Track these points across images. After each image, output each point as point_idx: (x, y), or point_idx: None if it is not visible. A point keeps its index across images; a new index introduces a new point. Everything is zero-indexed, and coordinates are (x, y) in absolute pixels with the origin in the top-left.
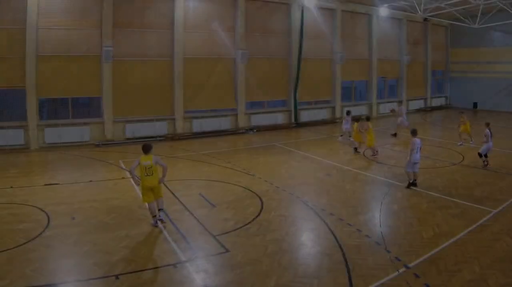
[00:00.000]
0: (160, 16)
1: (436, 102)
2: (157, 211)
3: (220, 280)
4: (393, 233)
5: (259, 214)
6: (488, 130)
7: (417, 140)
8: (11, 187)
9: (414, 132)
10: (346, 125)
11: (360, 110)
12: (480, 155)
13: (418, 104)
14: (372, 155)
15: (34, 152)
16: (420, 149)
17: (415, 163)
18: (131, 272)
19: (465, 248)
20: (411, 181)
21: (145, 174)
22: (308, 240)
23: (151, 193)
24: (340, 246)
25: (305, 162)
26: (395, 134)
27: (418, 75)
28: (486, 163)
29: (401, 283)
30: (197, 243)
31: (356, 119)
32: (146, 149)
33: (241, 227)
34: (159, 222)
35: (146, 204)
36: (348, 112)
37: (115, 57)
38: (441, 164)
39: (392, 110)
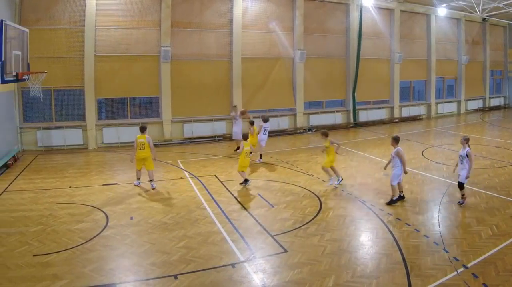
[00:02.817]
0: (218, 16)
1: (494, 102)
2: (150, 179)
3: (278, 280)
4: (451, 233)
5: (317, 214)
6: None
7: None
8: (70, 187)
9: (397, 140)
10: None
11: (418, 110)
12: None
13: (477, 104)
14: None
15: (92, 152)
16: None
17: (400, 174)
18: (189, 272)
19: None
20: (396, 197)
21: (140, 148)
22: (366, 240)
23: (142, 163)
24: (398, 246)
25: (363, 162)
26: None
27: (477, 75)
28: None
29: (459, 283)
30: (256, 243)
31: (251, 123)
32: (142, 130)
33: (299, 227)
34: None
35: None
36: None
37: (173, 57)
38: (499, 164)
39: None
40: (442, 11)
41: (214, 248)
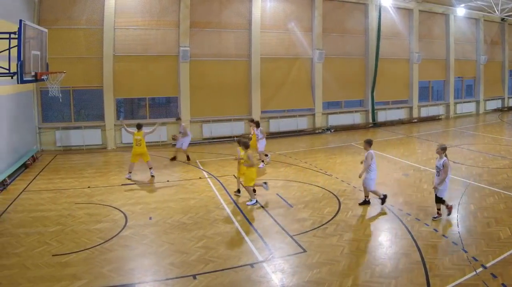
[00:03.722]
0: (237, 16)
1: None
2: (149, 168)
3: (297, 280)
4: (470, 233)
5: (336, 214)
6: None
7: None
8: (89, 187)
9: (370, 143)
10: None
11: (437, 110)
12: None
13: (495, 104)
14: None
15: (111, 152)
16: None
17: (375, 178)
18: (208, 272)
19: None
20: (382, 195)
21: (136, 144)
22: (385, 240)
23: (138, 157)
24: (417, 246)
25: (382, 162)
26: (174, 158)
27: (495, 75)
28: None
29: (478, 283)
30: (274, 243)
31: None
32: (139, 127)
33: (318, 227)
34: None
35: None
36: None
37: (192, 57)
38: None
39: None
40: (461, 11)
41: (233, 248)
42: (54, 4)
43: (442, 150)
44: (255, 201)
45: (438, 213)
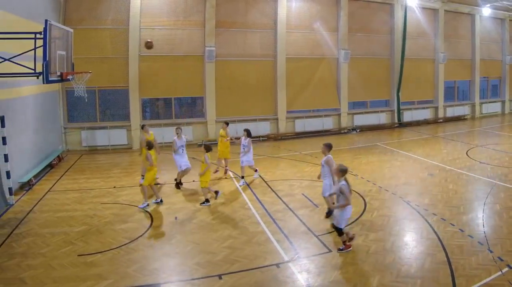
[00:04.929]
0: (262, 16)
1: None
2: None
3: (323, 280)
4: (495, 233)
5: (361, 214)
6: None
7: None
8: (114, 187)
9: (329, 148)
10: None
11: (462, 110)
12: None
13: None
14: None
15: (136, 152)
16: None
17: (330, 185)
18: (234, 272)
19: None
20: (328, 211)
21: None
22: (410, 240)
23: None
24: (442, 246)
25: (408, 162)
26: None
27: None
28: None
29: (504, 283)
30: (300, 243)
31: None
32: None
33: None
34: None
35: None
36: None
37: (218, 57)
38: None
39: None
40: (486, 11)
41: (259, 248)
42: (80, 4)
43: (341, 172)
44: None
45: (344, 243)
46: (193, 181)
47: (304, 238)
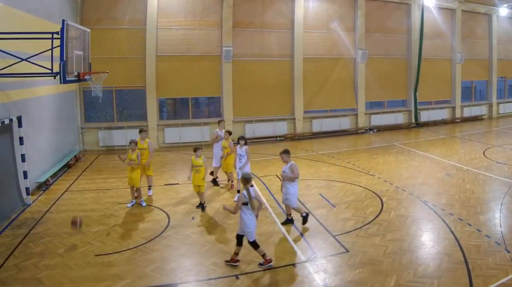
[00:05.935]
0: (279, 16)
1: None
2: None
3: (340, 280)
4: None
5: (379, 214)
6: None
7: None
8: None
9: (289, 153)
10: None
11: (480, 110)
12: None
13: None
14: None
15: (153, 152)
16: None
17: (296, 193)
18: (251, 272)
19: None
20: (305, 213)
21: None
22: (428, 240)
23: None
24: (460, 246)
25: (425, 162)
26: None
27: None
28: None
29: None
30: (317, 243)
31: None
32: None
33: (360, 227)
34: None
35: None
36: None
37: (235, 57)
38: None
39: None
40: (503, 11)
41: (276, 248)
42: (97, 4)
43: (244, 180)
44: (133, 202)
45: (263, 256)
46: (210, 181)
47: (321, 238)
